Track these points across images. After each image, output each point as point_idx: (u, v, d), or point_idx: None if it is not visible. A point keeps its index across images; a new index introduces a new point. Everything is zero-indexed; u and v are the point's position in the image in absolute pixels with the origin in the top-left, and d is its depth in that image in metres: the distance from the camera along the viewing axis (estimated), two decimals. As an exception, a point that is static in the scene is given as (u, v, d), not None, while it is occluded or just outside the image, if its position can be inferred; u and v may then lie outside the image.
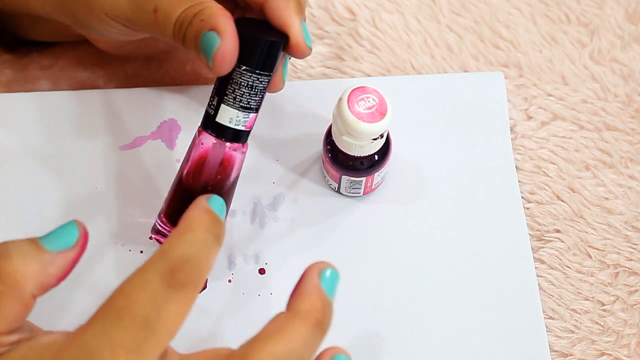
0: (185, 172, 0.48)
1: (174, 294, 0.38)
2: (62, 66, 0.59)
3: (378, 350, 0.51)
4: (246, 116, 0.46)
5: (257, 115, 0.47)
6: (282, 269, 0.53)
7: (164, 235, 0.49)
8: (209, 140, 0.47)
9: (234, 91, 0.46)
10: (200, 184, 0.48)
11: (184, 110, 0.57)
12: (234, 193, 0.49)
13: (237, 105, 0.46)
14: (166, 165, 0.55)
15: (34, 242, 0.40)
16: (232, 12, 0.50)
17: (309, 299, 0.40)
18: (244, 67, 0.45)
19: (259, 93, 0.46)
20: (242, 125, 0.46)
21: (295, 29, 0.46)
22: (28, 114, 0.57)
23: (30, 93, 0.57)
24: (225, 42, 0.44)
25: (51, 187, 0.55)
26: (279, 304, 0.51)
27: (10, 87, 0.58)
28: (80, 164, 0.55)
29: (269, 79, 0.46)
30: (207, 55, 0.44)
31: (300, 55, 0.47)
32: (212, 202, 0.41)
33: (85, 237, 0.42)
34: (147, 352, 0.37)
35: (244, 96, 0.46)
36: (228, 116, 0.46)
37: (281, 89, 0.49)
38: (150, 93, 0.58)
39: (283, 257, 0.53)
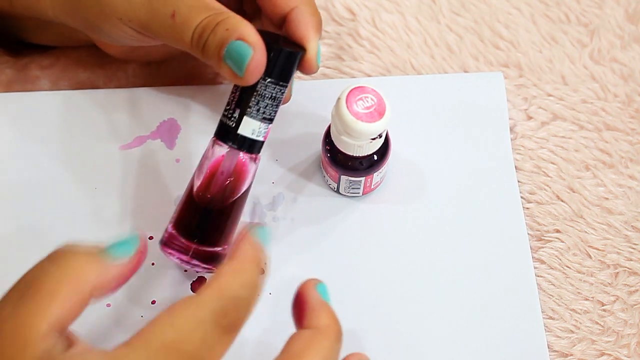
0: (199, 183, 0.48)
1: (223, 336, 0.38)
2: (62, 66, 0.59)
3: (377, 350, 0.51)
4: (266, 127, 0.47)
5: (271, 127, 0.48)
6: (281, 269, 0.53)
7: (173, 248, 0.48)
8: (224, 151, 0.47)
9: (257, 103, 0.46)
10: (214, 196, 0.48)
11: (184, 110, 0.57)
12: (245, 203, 0.50)
13: (260, 117, 0.47)
14: (166, 165, 0.56)
15: (99, 247, 0.41)
16: None
17: (324, 315, 0.41)
18: (269, 80, 0.46)
19: (278, 104, 0.47)
20: (262, 136, 0.47)
21: (312, 44, 0.48)
22: (28, 114, 0.57)
23: (30, 93, 0.57)
24: (258, 53, 0.45)
25: (51, 187, 0.55)
26: (278, 304, 0.51)
27: (10, 87, 0.58)
28: (80, 163, 0.55)
29: (286, 90, 0.47)
30: (236, 65, 0.45)
31: (309, 71, 0.49)
32: (260, 233, 0.42)
33: (143, 250, 0.42)
34: None
35: (267, 108, 0.46)
36: (251, 128, 0.47)
37: (289, 100, 0.51)
38: (150, 93, 0.58)
39: (282, 257, 0.53)
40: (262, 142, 0.48)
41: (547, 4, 0.62)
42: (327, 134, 0.52)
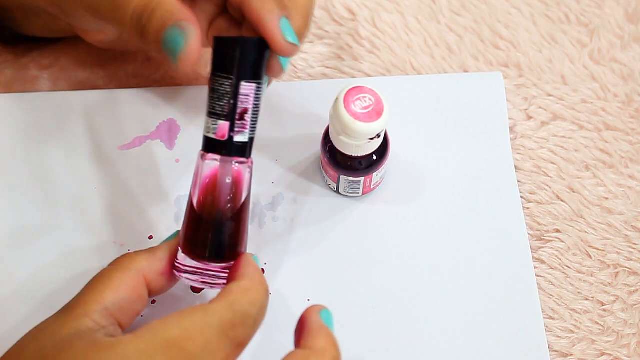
0: (195, 198, 0.46)
1: (227, 346, 0.40)
2: (62, 66, 0.59)
3: (377, 351, 0.51)
4: (214, 123, 0.44)
5: (230, 125, 0.44)
6: (281, 269, 0.53)
7: (186, 272, 0.46)
8: (207, 159, 0.45)
9: (208, 98, 0.44)
10: (208, 205, 0.45)
11: (184, 111, 0.57)
12: (247, 217, 0.46)
13: (207, 112, 0.44)
14: (165, 165, 0.56)
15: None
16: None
17: (321, 337, 0.41)
18: (209, 71, 0.44)
19: (221, 98, 0.44)
20: (213, 133, 0.44)
21: (269, 26, 0.44)
22: (28, 114, 0.57)
23: (30, 93, 0.57)
24: (191, 40, 0.43)
25: (51, 187, 0.55)
26: (278, 305, 0.51)
27: (10, 87, 0.58)
28: (79, 163, 0.55)
29: (232, 83, 0.43)
30: (171, 52, 0.43)
31: (282, 51, 0.45)
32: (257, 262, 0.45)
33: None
34: None
35: (210, 101, 0.44)
36: (205, 125, 0.45)
37: (281, 74, 0.47)
38: (150, 93, 0.58)
39: (282, 257, 0.53)
40: (221, 142, 0.44)
41: (547, 4, 0.62)
42: (327, 134, 0.52)
